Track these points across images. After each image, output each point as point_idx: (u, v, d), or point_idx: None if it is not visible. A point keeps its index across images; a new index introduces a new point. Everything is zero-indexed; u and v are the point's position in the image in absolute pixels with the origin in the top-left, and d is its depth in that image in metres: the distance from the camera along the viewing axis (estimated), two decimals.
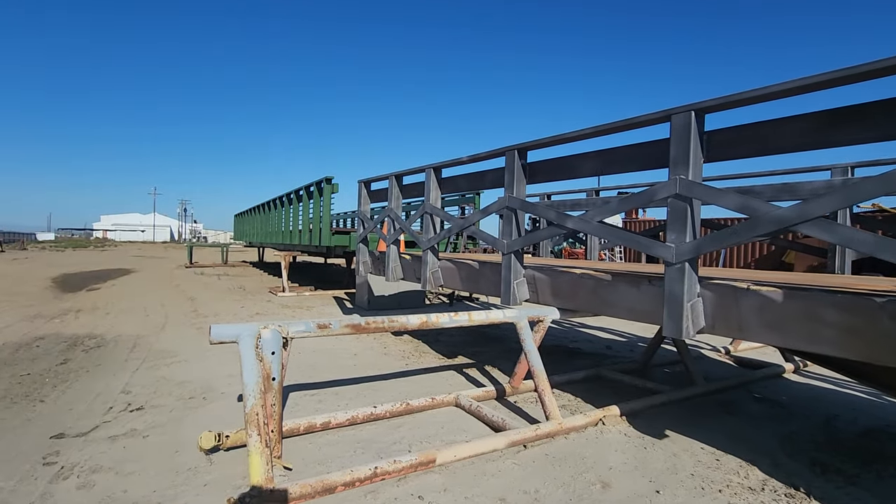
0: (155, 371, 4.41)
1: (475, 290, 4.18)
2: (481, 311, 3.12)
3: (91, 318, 6.94)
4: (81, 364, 4.67)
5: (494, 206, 3.71)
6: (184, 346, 5.32)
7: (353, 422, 3.00)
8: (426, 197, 4.57)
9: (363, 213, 5.93)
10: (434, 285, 4.57)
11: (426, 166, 4.60)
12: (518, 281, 3.57)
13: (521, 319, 3.22)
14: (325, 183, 8.17)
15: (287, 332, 2.32)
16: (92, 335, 5.90)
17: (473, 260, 4.26)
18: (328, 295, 9.73)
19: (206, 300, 8.80)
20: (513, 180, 3.53)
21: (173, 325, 6.55)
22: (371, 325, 2.64)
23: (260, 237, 16.52)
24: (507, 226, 3.57)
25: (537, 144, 3.45)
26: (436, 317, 2.88)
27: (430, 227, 4.55)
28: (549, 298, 3.48)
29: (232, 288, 10.77)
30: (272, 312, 7.56)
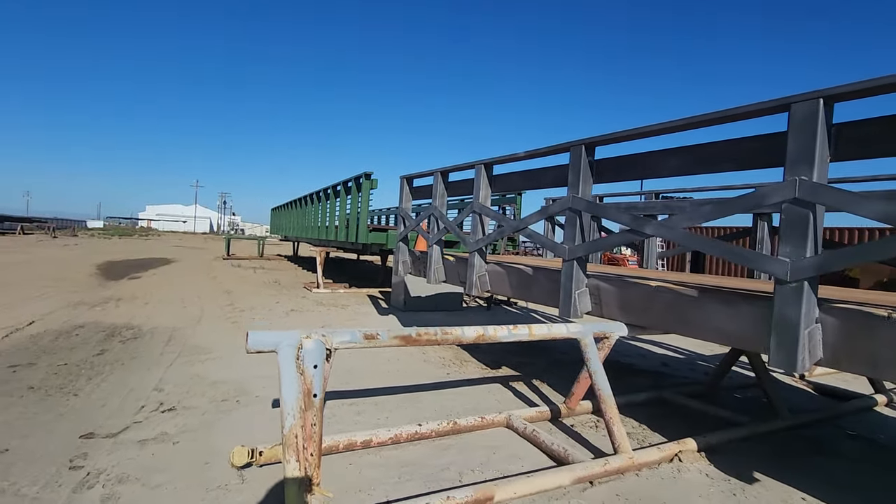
0: (189, 368, 4.27)
1: (527, 298, 3.84)
2: (542, 325, 2.78)
3: (130, 308, 6.95)
4: (117, 356, 4.58)
5: (556, 207, 3.36)
6: (218, 342, 5.19)
7: (397, 441, 2.72)
8: (475, 195, 4.26)
9: (404, 210, 5.67)
10: (481, 290, 4.25)
11: (476, 162, 4.28)
12: (580, 291, 3.21)
13: (587, 336, 2.86)
14: (364, 178, 7.97)
15: (331, 342, 2.05)
16: (129, 325, 5.87)
17: (526, 265, 3.91)
18: (362, 293, 9.56)
19: (242, 294, 8.76)
20: (578, 179, 3.17)
21: (209, 318, 6.47)
22: (422, 337, 2.35)
23: (296, 231, 16.60)
24: (570, 229, 3.21)
25: (609, 139, 3.08)
26: (493, 330, 2.56)
27: (479, 228, 4.23)
28: (615, 312, 3.10)
29: (267, 282, 10.76)
30: (307, 309, 7.41)
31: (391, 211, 13.92)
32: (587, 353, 2.83)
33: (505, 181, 4.15)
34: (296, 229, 16.48)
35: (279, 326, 6.11)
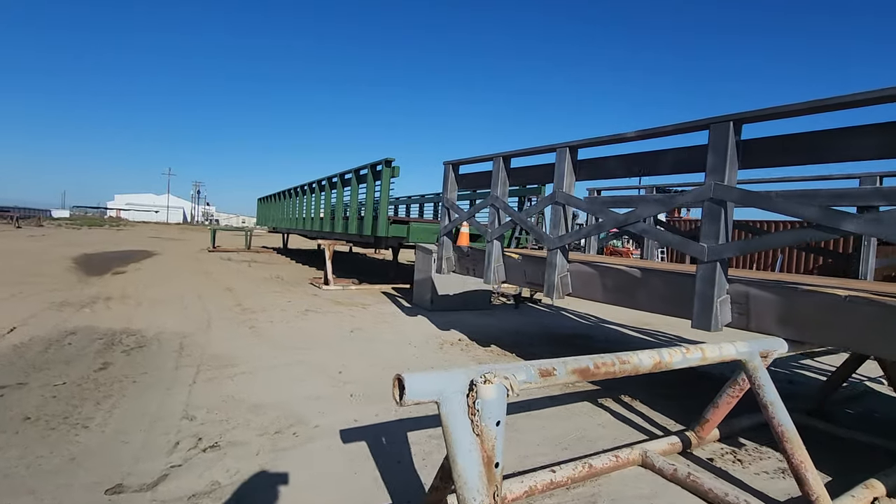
0: (218, 386, 3.57)
1: (629, 304, 3.28)
2: (713, 347, 2.21)
3: (124, 309, 6.13)
4: (124, 371, 3.84)
5: (688, 197, 2.78)
6: (241, 352, 4.48)
7: (531, 493, 2.12)
8: (556, 184, 3.66)
9: (450, 200, 5.03)
10: (562, 294, 3.67)
11: (557, 145, 3.68)
12: (722, 299, 2.66)
13: (754, 357, 2.31)
14: (385, 166, 7.27)
15: (514, 386, 1.43)
16: (129, 331, 5.08)
17: (629, 266, 3.34)
18: (375, 289, 8.87)
19: (246, 292, 7.97)
20: (723, 163, 2.60)
21: (219, 321, 5.71)
22: (601, 369, 1.75)
23: (287, 223, 15.71)
24: (713, 224, 2.65)
25: (759, 116, 2.53)
26: (668, 355, 1.99)
27: (562, 222, 3.64)
28: (770, 325, 2.56)
29: (268, 278, 9.95)
30: (325, 309, 6.71)
31: (399, 201, 13.18)
32: (757, 378, 2.28)
33: (598, 167, 3.56)
34: (288, 221, 15.58)
35: (301, 330, 5.42)
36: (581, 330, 6.49)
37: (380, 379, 3.87)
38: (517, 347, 5.20)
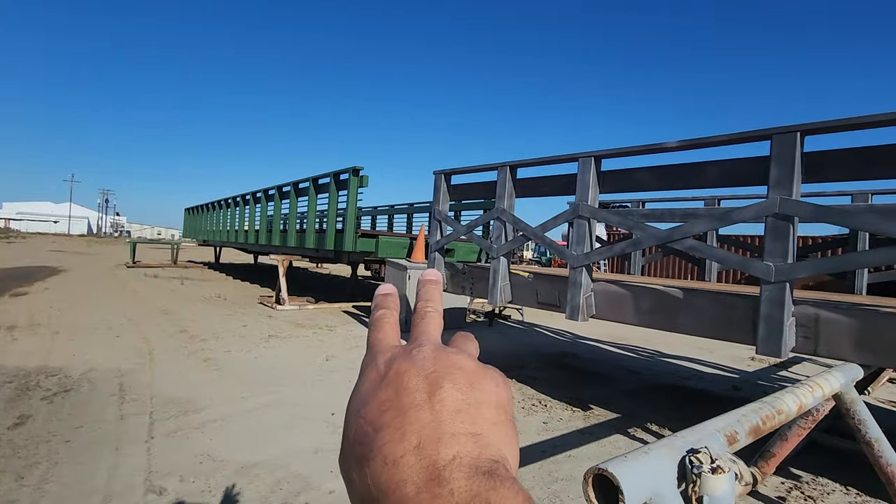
0: (185, 441, 2.86)
1: (667, 327, 3.03)
2: (820, 381, 1.96)
3: (37, 341, 5.03)
4: (50, 426, 3.00)
5: (751, 212, 2.58)
6: (202, 392, 3.72)
7: None
8: (580, 196, 3.38)
9: (442, 213, 4.60)
10: (587, 315, 3.37)
11: (580, 154, 3.40)
12: (789, 322, 2.47)
13: (850, 388, 2.10)
14: (352, 175, 6.68)
15: (741, 472, 1.04)
16: (48, 370, 4.11)
17: (667, 286, 3.10)
18: (335, 308, 8.15)
19: (187, 314, 6.96)
20: (790, 177, 2.43)
21: (164, 353, 4.83)
22: (766, 423, 1.42)
23: (221, 235, 14.38)
24: (779, 241, 2.46)
25: (827, 127, 2.38)
26: (802, 398, 1.70)
27: (587, 238, 3.35)
28: (843, 350, 2.40)
29: (209, 297, 8.85)
30: (287, 334, 5.95)
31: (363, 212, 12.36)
32: (857, 412, 2.07)
33: (623, 179, 3.32)
34: (222, 233, 14.26)
35: (268, 360, 4.69)
36: (564, 348, 6.27)
37: None
38: (512, 371, 4.83)
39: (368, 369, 0.32)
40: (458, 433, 0.27)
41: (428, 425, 0.27)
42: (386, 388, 0.30)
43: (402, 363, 0.31)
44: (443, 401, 0.28)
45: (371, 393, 0.30)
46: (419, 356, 0.31)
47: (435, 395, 0.28)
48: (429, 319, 0.36)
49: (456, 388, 0.29)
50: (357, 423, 0.29)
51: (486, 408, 0.29)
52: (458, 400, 0.29)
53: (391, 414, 0.28)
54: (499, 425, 0.29)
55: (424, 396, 0.28)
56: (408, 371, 0.30)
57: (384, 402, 0.29)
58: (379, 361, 0.32)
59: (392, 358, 0.32)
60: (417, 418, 0.27)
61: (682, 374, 5.32)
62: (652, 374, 5.21)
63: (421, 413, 0.27)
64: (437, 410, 0.28)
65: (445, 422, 0.27)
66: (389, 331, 0.36)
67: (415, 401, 0.28)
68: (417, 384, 0.29)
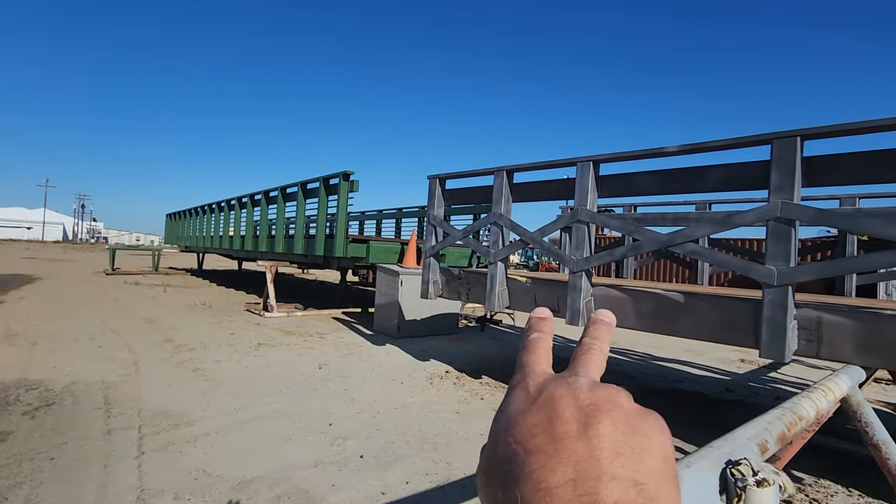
0: (178, 456, 2.75)
1: (668, 331, 3.03)
2: (831, 384, 1.97)
3: (15, 353, 4.82)
4: (32, 443, 2.86)
5: (752, 215, 2.59)
6: (193, 403, 3.60)
7: None
8: (579, 200, 3.37)
9: (437, 218, 4.56)
10: (586, 320, 3.34)
11: (578, 159, 3.41)
12: (792, 325, 2.48)
13: (857, 391, 2.12)
14: (343, 180, 6.60)
15: (785, 485, 1.02)
16: (27, 383, 3.94)
17: (666, 290, 3.10)
18: (324, 315, 8.02)
19: (172, 323, 6.77)
20: (791, 182, 2.45)
21: (150, 363, 4.67)
22: (791, 430, 1.40)
23: (205, 241, 14.10)
24: (780, 245, 2.47)
25: (827, 132, 2.42)
26: (817, 402, 1.69)
27: (585, 243, 3.34)
28: (846, 353, 2.42)
29: (193, 304, 8.64)
30: (277, 342, 5.83)
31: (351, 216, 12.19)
32: (863, 415, 2.08)
33: (625, 183, 3.32)
34: (206, 239, 13.98)
35: (259, 369, 4.57)
36: (558, 352, 6.09)
37: (381, 429, 3.26)
38: (508, 377, 4.78)
39: (517, 390, 0.31)
40: (620, 477, 0.24)
41: (585, 459, 0.25)
42: (537, 411, 0.28)
43: (556, 388, 0.29)
44: (600, 436, 0.26)
45: (521, 414, 0.28)
46: (575, 384, 0.29)
47: (591, 429, 0.26)
48: (591, 355, 0.33)
49: (615, 427, 0.27)
50: (506, 440, 0.27)
51: (650, 457, 0.26)
52: (617, 440, 0.26)
53: (542, 439, 0.26)
54: (664, 480, 0.26)
55: (579, 427, 0.26)
56: (562, 398, 0.28)
57: (535, 426, 0.27)
58: (529, 383, 0.30)
59: (544, 382, 0.30)
60: (573, 450, 0.25)
61: (675, 377, 5.35)
62: (645, 377, 5.22)
63: (576, 445, 0.25)
64: (594, 446, 0.25)
65: (604, 460, 0.25)
66: (543, 355, 0.34)
67: (569, 430, 0.26)
68: (572, 414, 0.27)
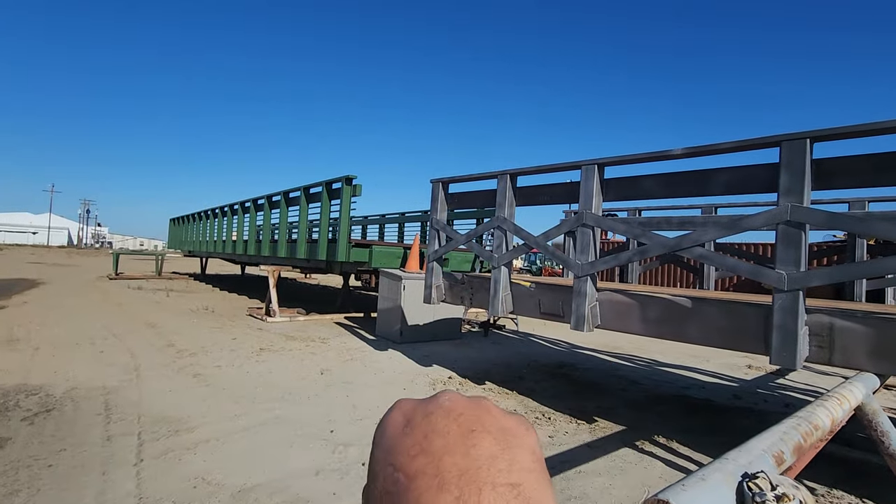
0: (177, 464, 2.71)
1: (675, 337, 2.98)
2: (846, 392, 1.91)
3: (16, 357, 4.80)
4: (31, 450, 2.83)
5: (761, 219, 2.55)
6: (193, 409, 3.57)
7: None
8: (583, 204, 3.34)
9: (440, 222, 4.53)
10: (592, 325, 3.30)
11: (583, 162, 3.37)
12: (803, 332, 2.43)
13: (871, 399, 2.06)
14: (345, 184, 6.58)
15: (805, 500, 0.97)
16: (28, 388, 3.91)
17: (678, 295, 3.05)
18: (326, 320, 7.98)
19: (174, 328, 6.74)
20: (801, 185, 2.41)
21: (151, 368, 4.64)
22: (807, 440, 1.36)
23: (208, 246, 14.11)
24: (790, 249, 2.43)
25: (837, 134, 2.37)
26: (833, 411, 1.64)
27: (590, 247, 3.30)
28: (859, 359, 2.36)
29: (195, 309, 8.62)
30: (280, 347, 5.79)
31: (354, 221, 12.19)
32: (878, 424, 2.02)
33: (630, 187, 3.28)
34: (209, 244, 14.00)
35: (261, 375, 4.53)
36: (562, 358, 6.20)
37: None
38: (512, 383, 4.75)
39: (391, 415, 0.31)
40: (499, 484, 0.25)
41: (466, 473, 0.25)
42: (413, 431, 0.28)
43: (430, 406, 0.30)
44: (477, 446, 0.27)
45: (397, 438, 0.28)
46: (444, 399, 0.30)
47: (468, 440, 0.27)
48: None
49: (487, 433, 0.28)
50: (385, 470, 0.27)
51: (521, 454, 0.28)
52: (491, 445, 0.27)
53: (423, 459, 0.26)
54: (535, 473, 0.27)
55: (457, 440, 0.27)
56: (435, 412, 0.29)
57: (413, 447, 0.27)
58: (403, 406, 0.31)
59: (416, 402, 0.31)
60: (454, 464, 0.26)
61: (682, 383, 5.28)
62: (652, 383, 5.16)
63: (456, 459, 0.26)
64: (473, 457, 0.26)
65: (483, 469, 0.25)
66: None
67: (447, 444, 0.27)
68: (447, 426, 0.28)
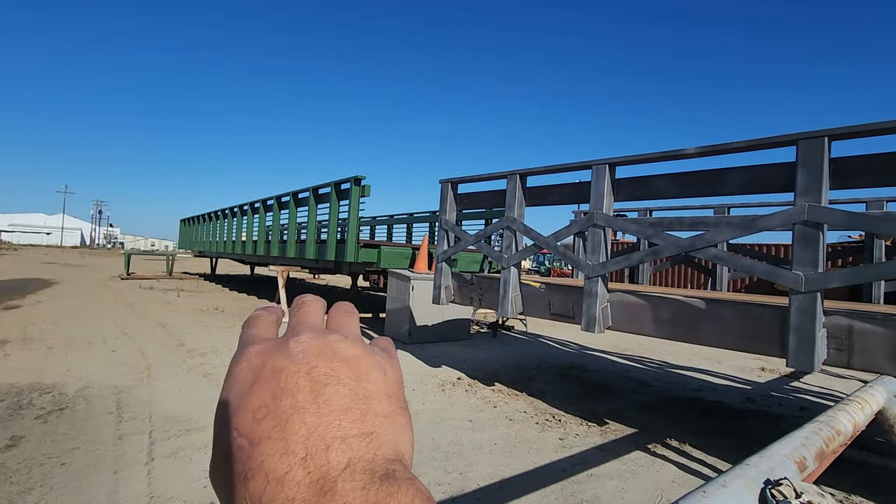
0: (188, 463, 2.72)
1: (688, 339, 2.93)
2: (867, 395, 1.87)
3: (30, 356, 4.86)
4: (44, 448, 2.85)
5: (777, 219, 2.50)
6: (204, 409, 3.58)
7: None
8: (594, 204, 3.31)
9: (449, 222, 4.51)
10: (603, 327, 3.27)
11: (593, 161, 3.34)
12: (821, 334, 2.38)
13: (893, 405, 2.01)
14: (354, 184, 6.59)
15: None
16: (41, 386, 3.95)
17: (691, 296, 3.01)
18: None
19: (185, 328, 6.79)
20: (819, 184, 2.36)
21: (162, 368, 4.67)
22: (829, 445, 1.31)
23: (218, 246, 14.22)
24: (808, 250, 2.38)
25: (855, 132, 2.33)
26: (854, 415, 1.60)
27: (601, 248, 3.27)
28: (881, 362, 2.31)
29: (206, 309, 8.68)
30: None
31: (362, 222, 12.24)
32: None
33: (642, 186, 3.24)
34: (219, 244, 14.10)
35: None
36: (571, 359, 6.15)
37: None
38: (520, 384, 4.72)
39: (238, 367, 0.28)
40: (349, 436, 0.24)
41: (314, 431, 0.24)
42: (260, 390, 0.26)
43: (279, 359, 0.27)
44: (329, 400, 0.25)
45: (243, 398, 0.26)
46: (297, 349, 0.27)
47: (320, 395, 0.25)
48: (307, 307, 0.33)
49: (341, 384, 0.26)
50: (229, 435, 0.25)
51: (375, 400, 0.27)
52: (345, 396, 0.26)
53: (269, 422, 0.24)
54: (391, 416, 0.27)
55: (308, 397, 0.25)
56: (285, 368, 0.26)
57: (259, 409, 0.25)
58: (251, 356, 0.28)
59: (266, 351, 0.28)
60: (303, 423, 0.24)
61: (693, 385, 5.21)
62: (663, 385, 5.10)
63: (306, 417, 0.24)
64: (324, 412, 0.25)
65: (333, 424, 0.24)
66: (264, 326, 0.31)
67: (297, 403, 0.25)
68: (298, 382, 0.26)
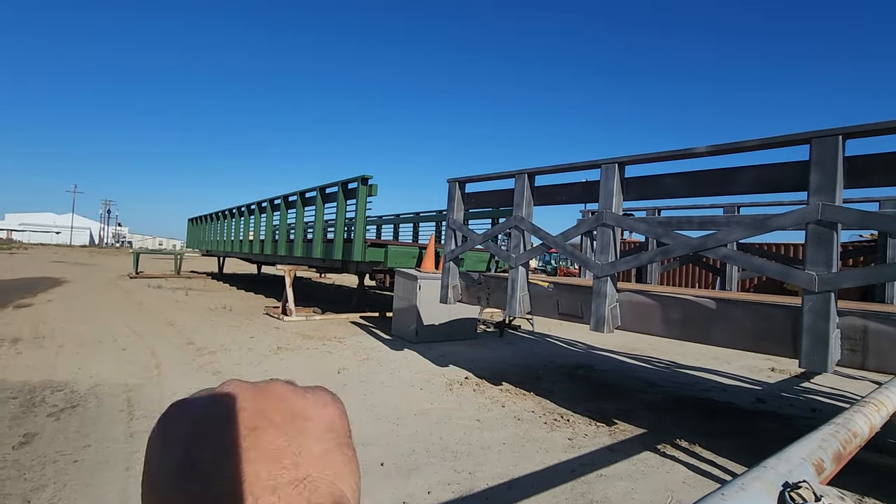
0: None
1: (699, 339, 2.92)
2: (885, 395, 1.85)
3: (41, 354, 4.91)
4: (57, 445, 2.88)
5: (790, 219, 2.48)
6: None
7: None
8: (603, 203, 3.29)
9: (456, 222, 4.51)
10: (611, 327, 3.25)
11: (603, 161, 3.32)
12: (834, 335, 2.35)
13: None
14: (361, 184, 6.60)
15: None
16: (53, 384, 3.99)
17: (702, 296, 2.99)
18: (342, 319, 8.03)
19: (194, 326, 6.84)
20: (833, 183, 2.33)
21: (171, 366, 4.71)
22: (846, 448, 1.28)
23: (226, 246, 14.31)
24: (821, 250, 2.36)
25: (870, 130, 2.30)
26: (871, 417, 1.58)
27: (610, 247, 3.25)
28: (893, 363, 2.28)
29: (214, 308, 8.74)
30: (296, 346, 5.83)
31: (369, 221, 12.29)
32: None
33: (652, 185, 3.22)
34: (226, 243, 14.19)
35: (278, 373, 4.57)
36: (578, 359, 6.13)
37: (401, 436, 3.20)
38: (528, 384, 4.71)
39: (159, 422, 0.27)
40: (280, 485, 0.23)
41: (243, 483, 0.23)
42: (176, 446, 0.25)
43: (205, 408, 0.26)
44: (260, 447, 0.25)
45: (159, 456, 0.25)
46: (222, 396, 0.27)
47: (247, 441, 0.25)
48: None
49: (274, 426, 0.26)
50: (151, 499, 0.24)
51: (311, 438, 0.26)
52: (277, 440, 0.25)
53: (193, 483, 0.23)
54: (329, 454, 0.26)
55: (232, 446, 0.25)
56: (208, 416, 0.26)
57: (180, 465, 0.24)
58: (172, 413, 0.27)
59: (184, 407, 0.27)
60: (229, 477, 0.23)
61: (702, 385, 5.18)
62: (672, 385, 5.07)
63: (232, 469, 0.24)
64: (252, 459, 0.24)
65: (263, 474, 0.24)
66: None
67: (218, 457, 0.24)
68: (235, 435, 0.25)
